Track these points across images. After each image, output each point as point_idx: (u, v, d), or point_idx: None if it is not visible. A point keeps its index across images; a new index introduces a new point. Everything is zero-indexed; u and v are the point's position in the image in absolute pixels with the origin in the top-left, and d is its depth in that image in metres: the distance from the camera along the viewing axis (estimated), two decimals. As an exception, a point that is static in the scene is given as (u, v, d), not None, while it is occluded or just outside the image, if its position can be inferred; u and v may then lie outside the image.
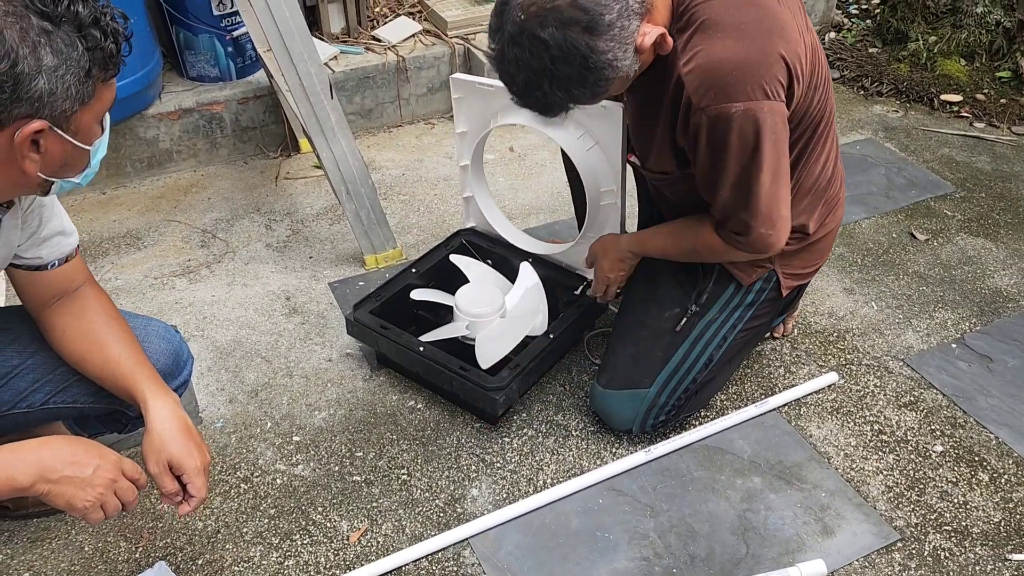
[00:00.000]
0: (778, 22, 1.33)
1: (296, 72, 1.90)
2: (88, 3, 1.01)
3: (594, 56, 1.25)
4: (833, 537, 1.56)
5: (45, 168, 1.07)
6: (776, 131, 1.36)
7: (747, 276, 1.66)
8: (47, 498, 1.12)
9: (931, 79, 3.03)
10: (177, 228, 2.38)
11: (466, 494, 1.64)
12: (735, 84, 1.31)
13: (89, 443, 1.16)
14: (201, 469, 1.27)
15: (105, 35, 1.02)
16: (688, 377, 1.66)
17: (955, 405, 1.83)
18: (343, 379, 1.89)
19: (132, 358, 1.31)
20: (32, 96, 0.98)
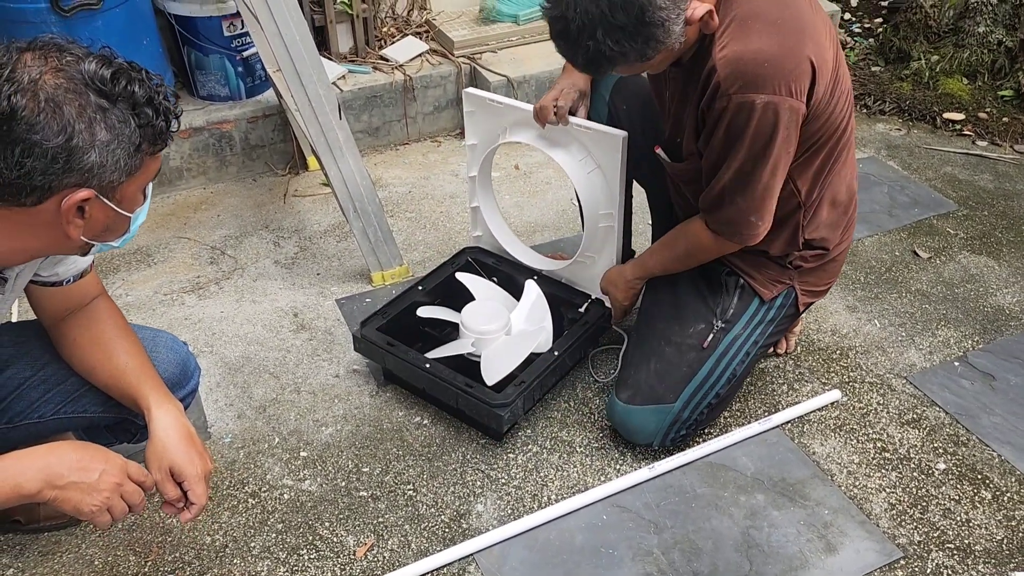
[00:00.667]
0: (810, 25, 1.41)
1: (305, 93, 1.93)
2: (144, 83, 1.07)
3: (651, 10, 1.30)
4: (836, 554, 1.57)
5: (87, 232, 1.11)
6: (790, 128, 1.43)
7: (768, 291, 1.69)
8: (54, 504, 1.15)
9: (933, 98, 3.06)
10: (187, 245, 2.41)
11: (471, 510, 1.65)
12: (764, 77, 1.37)
13: (95, 448, 1.18)
14: (202, 476, 1.29)
15: (157, 113, 1.07)
16: (712, 392, 1.68)
17: (958, 423, 1.84)
18: (350, 395, 1.91)
19: (139, 367, 1.34)
20: (83, 168, 1.03)
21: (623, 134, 1.70)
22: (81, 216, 1.08)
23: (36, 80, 1.01)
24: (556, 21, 1.35)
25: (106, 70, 1.03)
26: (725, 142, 1.46)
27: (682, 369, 1.69)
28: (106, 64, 1.04)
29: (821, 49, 1.41)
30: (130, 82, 1.05)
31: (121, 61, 1.07)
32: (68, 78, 1.02)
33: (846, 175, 1.66)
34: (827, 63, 1.43)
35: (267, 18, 1.84)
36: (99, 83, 1.02)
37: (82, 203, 1.06)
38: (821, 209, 1.65)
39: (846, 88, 1.52)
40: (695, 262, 1.72)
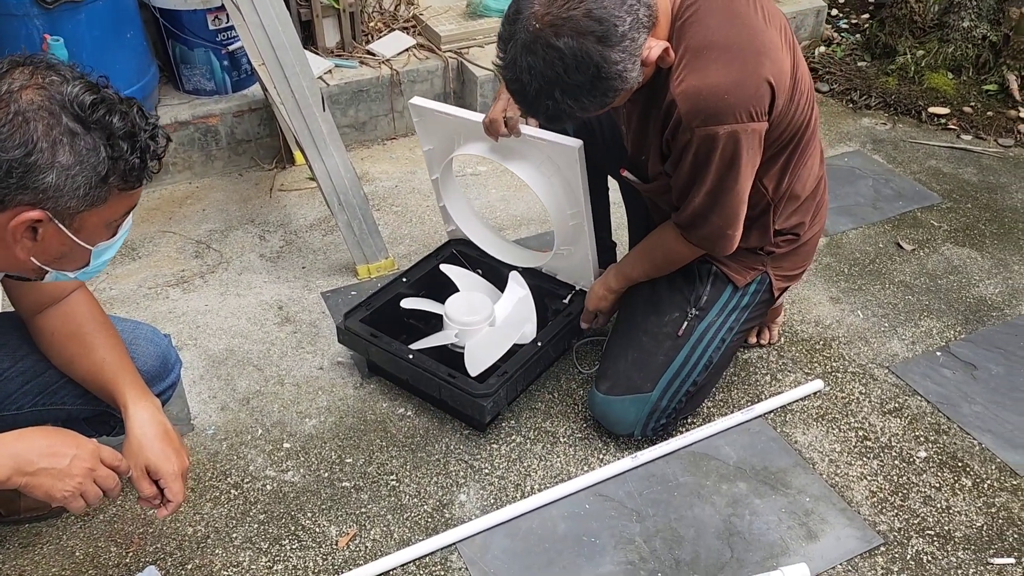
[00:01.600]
0: (765, 43, 1.40)
1: (288, 85, 1.93)
2: (127, 117, 1.04)
3: (606, 66, 1.29)
4: (817, 541, 1.57)
5: (39, 256, 1.09)
6: (753, 147, 1.44)
7: (742, 278, 1.70)
8: (25, 490, 1.14)
9: (919, 92, 3.07)
10: (172, 239, 2.41)
11: (454, 500, 1.66)
12: (724, 108, 1.37)
13: (66, 433, 1.18)
14: (178, 474, 1.29)
15: (133, 149, 1.05)
16: (689, 380, 1.69)
17: (939, 412, 1.84)
18: (334, 387, 1.91)
19: (116, 362, 1.34)
20: (38, 187, 1.01)
21: (578, 144, 1.68)
22: (33, 237, 1.06)
23: (14, 92, 1.00)
24: (512, 83, 1.35)
25: (88, 96, 1.02)
26: (692, 171, 1.47)
27: (658, 358, 1.69)
28: (90, 90, 1.03)
29: (778, 63, 1.40)
30: (110, 112, 1.03)
31: (110, 92, 1.05)
32: (47, 96, 1.00)
33: (812, 164, 1.67)
34: (785, 75, 1.42)
35: (249, 10, 1.84)
36: (76, 107, 1.01)
37: (34, 224, 1.03)
38: (790, 201, 1.66)
39: (806, 87, 1.52)
40: (675, 268, 1.73)
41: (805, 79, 1.52)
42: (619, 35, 1.28)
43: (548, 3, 1.28)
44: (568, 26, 1.27)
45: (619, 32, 1.28)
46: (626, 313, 1.81)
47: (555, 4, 1.27)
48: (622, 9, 1.28)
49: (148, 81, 2.45)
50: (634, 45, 1.31)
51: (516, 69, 1.32)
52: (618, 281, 1.79)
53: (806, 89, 1.52)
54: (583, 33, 1.27)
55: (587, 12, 1.27)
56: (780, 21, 1.48)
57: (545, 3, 1.28)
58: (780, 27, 1.46)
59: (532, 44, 1.29)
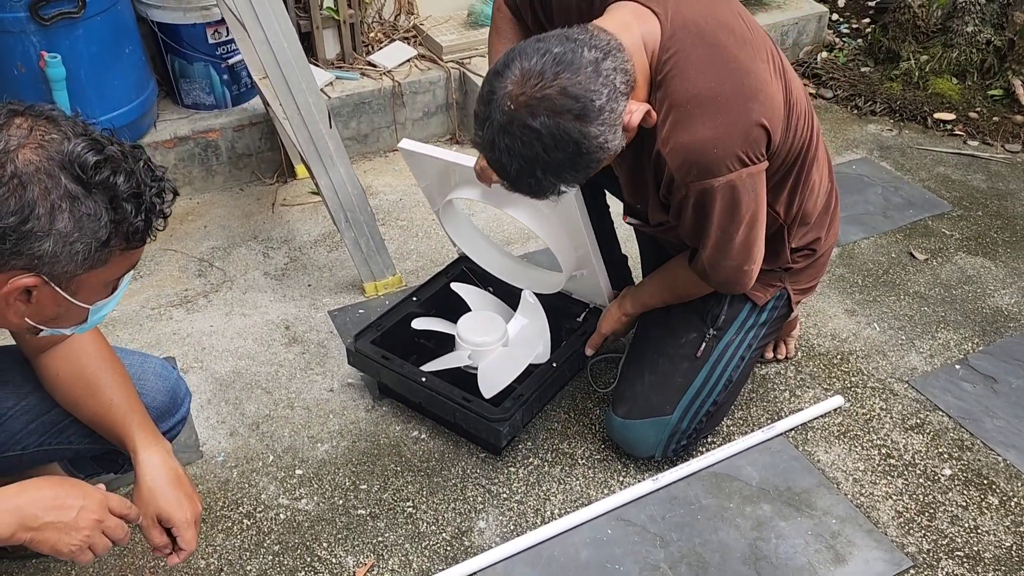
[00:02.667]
0: (753, 84, 1.34)
1: (294, 101, 1.89)
2: (133, 176, 0.98)
3: (586, 142, 1.24)
4: (845, 565, 1.54)
5: (33, 316, 1.04)
6: (755, 189, 1.40)
7: (761, 296, 1.67)
8: (31, 546, 1.08)
9: (923, 98, 3.05)
10: (173, 257, 2.36)
11: (473, 526, 1.62)
12: (716, 161, 1.33)
13: (72, 483, 1.12)
14: (191, 522, 1.24)
15: (138, 210, 0.99)
16: (709, 400, 1.66)
17: (962, 427, 1.82)
18: (345, 410, 1.87)
19: (124, 403, 1.29)
20: (33, 254, 0.95)
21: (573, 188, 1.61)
22: (27, 300, 1.01)
23: (11, 151, 0.93)
24: (492, 163, 1.30)
25: (91, 155, 0.95)
26: (695, 224, 1.44)
27: (677, 380, 1.66)
28: (94, 148, 0.96)
29: (769, 102, 1.35)
30: (115, 172, 0.96)
31: (115, 148, 0.98)
32: (46, 157, 0.94)
33: (821, 178, 1.62)
34: (777, 111, 1.37)
35: (253, 24, 1.80)
36: (78, 168, 0.94)
37: (28, 288, 0.98)
38: (804, 219, 1.63)
39: (802, 109, 1.47)
40: (697, 297, 1.69)
41: (800, 100, 1.47)
42: (597, 109, 1.23)
43: (522, 82, 1.22)
44: (543, 106, 1.21)
45: (597, 106, 1.22)
46: (641, 335, 1.78)
47: (529, 83, 1.21)
48: (597, 83, 1.22)
49: (147, 96, 2.40)
50: (613, 116, 1.25)
51: (495, 150, 1.26)
52: (635, 307, 1.76)
53: (802, 111, 1.47)
54: (559, 112, 1.21)
55: (562, 90, 1.21)
56: (766, 45, 1.42)
57: (518, 82, 1.22)
58: (768, 53, 1.41)
59: (508, 125, 1.23)
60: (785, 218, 1.59)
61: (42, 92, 2.12)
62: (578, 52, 1.22)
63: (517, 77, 1.22)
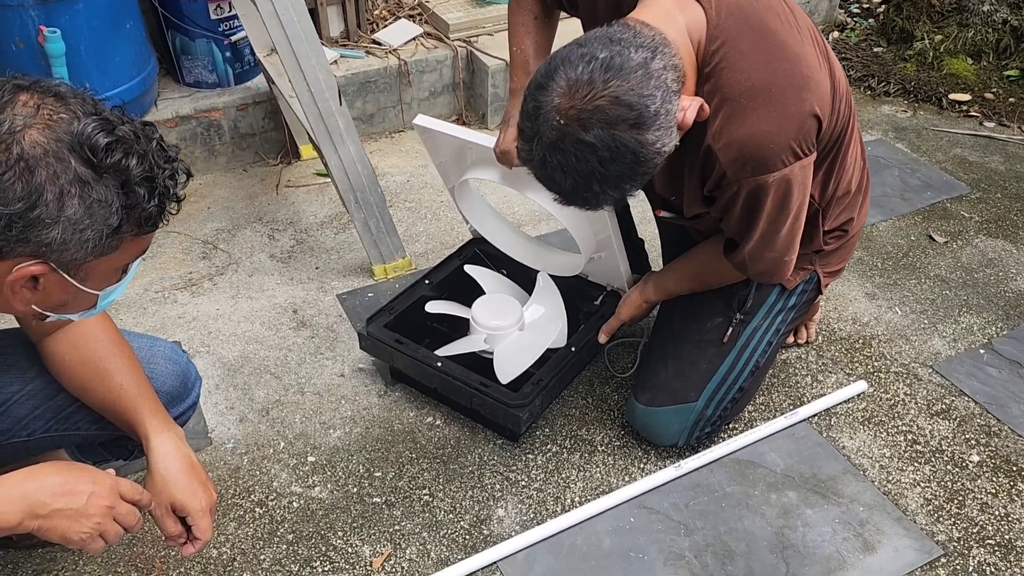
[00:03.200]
0: (804, 72, 1.29)
1: (303, 77, 1.83)
2: (146, 158, 0.92)
3: (644, 150, 1.16)
4: (875, 554, 1.50)
5: (40, 303, 0.99)
6: (804, 182, 1.36)
7: (791, 280, 1.62)
8: (40, 534, 1.04)
9: (938, 78, 3.00)
10: (177, 239, 2.30)
11: (492, 515, 1.58)
12: (771, 156, 1.28)
13: (81, 468, 1.07)
14: (206, 510, 1.20)
15: (151, 195, 0.93)
16: (735, 386, 1.61)
17: (988, 413, 1.78)
18: (357, 395, 1.82)
19: (134, 388, 1.23)
20: (41, 241, 0.90)
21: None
22: (33, 288, 0.95)
23: (16, 132, 0.87)
24: (544, 181, 1.21)
25: (102, 136, 0.89)
26: (744, 220, 1.39)
27: (702, 366, 1.62)
28: (106, 128, 0.90)
29: (820, 89, 1.30)
30: (127, 155, 0.91)
31: (127, 128, 0.92)
32: (54, 138, 0.88)
33: (855, 158, 1.58)
34: (827, 99, 1.32)
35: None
36: (88, 150, 0.88)
37: (36, 275, 0.93)
38: (839, 201, 1.58)
39: (843, 89, 1.42)
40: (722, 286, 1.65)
41: (841, 81, 1.42)
42: (652, 114, 1.14)
43: (570, 94, 1.13)
44: (596, 117, 1.12)
45: (652, 111, 1.14)
46: (663, 320, 1.73)
47: (577, 95, 1.13)
48: (650, 86, 1.14)
49: (148, 74, 2.34)
50: (668, 118, 1.17)
51: (546, 168, 1.18)
52: (657, 294, 1.71)
53: (843, 92, 1.42)
54: (614, 123, 1.12)
55: (614, 99, 1.12)
56: (808, 26, 1.36)
57: (566, 94, 1.13)
58: (811, 35, 1.35)
59: (560, 141, 1.14)
60: (820, 201, 1.54)
61: (41, 68, 2.06)
62: (625, 55, 1.13)
63: (564, 88, 1.14)
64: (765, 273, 1.52)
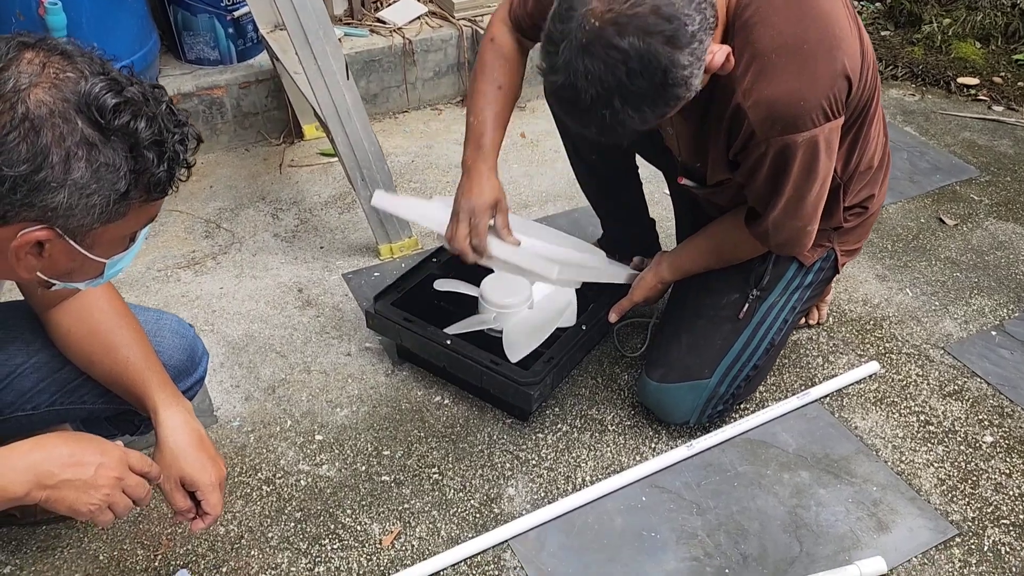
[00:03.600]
0: (836, 32, 1.27)
1: (311, 51, 1.80)
2: (156, 121, 0.89)
3: (674, 71, 1.12)
4: (889, 533, 1.49)
5: (46, 271, 0.96)
6: (832, 146, 1.34)
7: (809, 256, 1.60)
8: (47, 505, 1.01)
9: (946, 62, 2.98)
10: (179, 218, 2.27)
11: (502, 493, 1.56)
12: (801, 116, 1.26)
13: (89, 439, 1.05)
14: (216, 485, 1.18)
15: (160, 160, 0.90)
16: (750, 364, 1.59)
17: (1001, 394, 1.77)
18: (364, 374, 1.80)
19: (142, 361, 1.21)
20: (47, 206, 0.87)
21: (555, 268, 1.54)
22: (38, 255, 0.93)
23: (21, 90, 0.84)
24: (563, 90, 1.15)
25: (110, 97, 0.86)
26: (769, 183, 1.37)
27: (717, 342, 1.60)
28: (114, 89, 0.86)
29: (852, 50, 1.28)
30: (136, 117, 0.87)
31: (135, 89, 0.89)
32: (61, 98, 0.84)
33: (878, 132, 1.56)
34: (858, 60, 1.29)
35: (269, -31, 1.70)
36: (96, 111, 0.85)
37: (41, 241, 0.90)
38: (861, 176, 1.56)
39: (871, 59, 1.39)
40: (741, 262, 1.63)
41: (869, 49, 1.39)
42: (688, 36, 1.11)
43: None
44: (634, 24, 1.08)
45: (688, 32, 1.11)
46: (677, 296, 1.71)
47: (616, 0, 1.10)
48: (691, 7, 1.11)
49: (149, 49, 2.30)
50: (701, 48, 1.14)
51: (571, 73, 1.12)
52: (673, 274, 1.68)
53: (871, 61, 1.40)
54: (650, 32, 1.09)
55: (655, 8, 1.08)
56: None
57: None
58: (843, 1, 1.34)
59: (591, 44, 1.10)
60: (842, 175, 1.51)
61: (42, 42, 2.02)
62: None
63: None
64: (787, 243, 1.50)
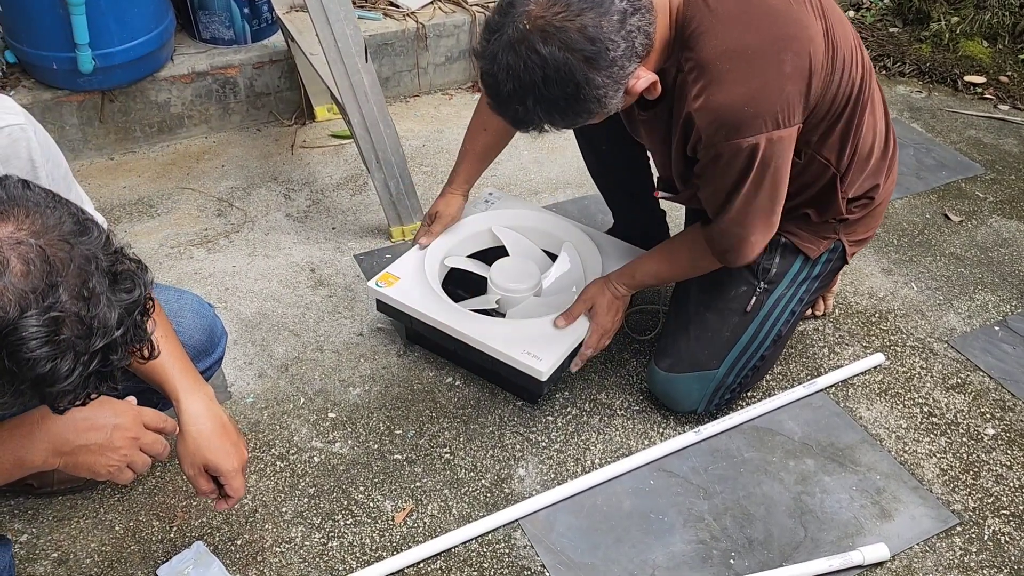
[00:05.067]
0: (786, 31, 1.28)
1: (331, 31, 1.81)
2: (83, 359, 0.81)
3: (587, 88, 1.19)
4: (892, 521, 1.52)
5: None
6: (784, 155, 1.35)
7: (814, 248, 1.62)
8: (67, 470, 1.05)
9: (954, 60, 3.00)
10: (191, 196, 2.28)
11: (512, 474, 1.58)
12: (747, 121, 1.27)
13: (101, 401, 1.05)
14: (239, 470, 1.21)
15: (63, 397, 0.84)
16: (757, 355, 1.62)
17: (1003, 388, 1.80)
18: (376, 354, 1.82)
19: (164, 347, 1.20)
20: None
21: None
22: None
23: None
24: (487, 76, 1.23)
25: (35, 344, 0.77)
26: (719, 187, 1.38)
27: (724, 334, 1.62)
28: (46, 331, 0.78)
29: (804, 45, 1.28)
30: (58, 358, 0.79)
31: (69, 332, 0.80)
32: None
33: (875, 121, 1.55)
34: (817, 56, 1.29)
35: (291, -50, 1.71)
36: (6, 354, 0.76)
37: None
38: (859, 166, 1.56)
39: (849, 49, 1.39)
40: (698, 275, 1.63)
41: (845, 40, 1.38)
42: (609, 60, 1.18)
43: (547, 5, 1.16)
44: (559, 37, 1.15)
45: (610, 57, 1.17)
46: (682, 290, 1.73)
47: (552, 9, 1.16)
48: (619, 34, 1.17)
49: (165, 27, 2.30)
50: (622, 73, 1.21)
51: (494, 64, 1.20)
52: (620, 277, 1.64)
53: (849, 51, 1.39)
54: (571, 49, 1.16)
55: (582, 28, 1.15)
56: None
57: (542, 4, 1.16)
58: None
59: (517, 44, 1.17)
60: (837, 165, 1.51)
61: (60, 17, 2.03)
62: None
63: None
64: (728, 252, 1.49)
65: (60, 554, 1.41)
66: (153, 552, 1.42)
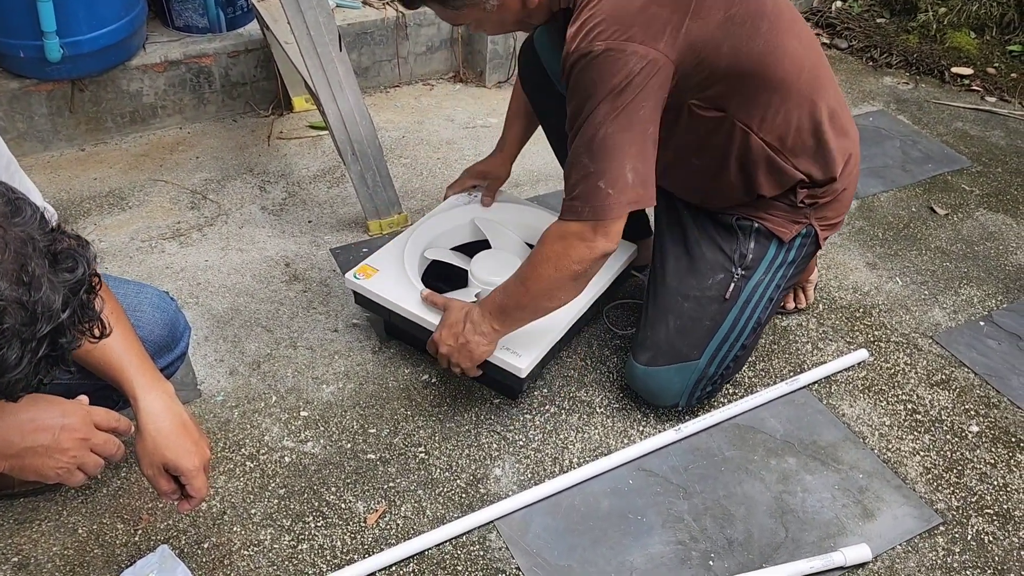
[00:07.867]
0: None
1: (303, 20, 1.76)
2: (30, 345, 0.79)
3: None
4: (874, 520, 1.49)
5: None
6: (644, 83, 1.27)
7: (787, 231, 1.59)
8: (13, 474, 0.99)
9: (941, 51, 2.97)
10: (164, 188, 2.23)
11: (488, 474, 1.55)
12: (603, 27, 1.28)
13: (49, 401, 1.01)
14: (199, 469, 1.15)
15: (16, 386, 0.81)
16: (738, 343, 1.59)
17: (988, 384, 1.77)
18: (351, 351, 1.78)
19: (120, 341, 1.16)
20: None
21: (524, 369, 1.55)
22: None
23: None
24: None
25: None
26: (572, 102, 1.32)
27: (704, 323, 1.59)
28: None
29: None
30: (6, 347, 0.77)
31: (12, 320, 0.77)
32: None
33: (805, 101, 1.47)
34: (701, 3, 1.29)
35: (261, -66, 1.66)
36: None
37: None
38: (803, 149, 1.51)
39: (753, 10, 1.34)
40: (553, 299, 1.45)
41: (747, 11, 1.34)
42: None
43: None
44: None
45: None
46: (659, 279, 1.69)
47: None
48: None
49: (136, 15, 2.24)
50: None
51: None
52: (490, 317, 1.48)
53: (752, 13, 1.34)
54: None
55: None
56: None
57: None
58: None
59: None
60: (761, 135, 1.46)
61: (26, 3, 1.97)
62: None
63: None
64: (581, 196, 1.32)
65: (20, 558, 1.37)
66: (117, 556, 1.38)
